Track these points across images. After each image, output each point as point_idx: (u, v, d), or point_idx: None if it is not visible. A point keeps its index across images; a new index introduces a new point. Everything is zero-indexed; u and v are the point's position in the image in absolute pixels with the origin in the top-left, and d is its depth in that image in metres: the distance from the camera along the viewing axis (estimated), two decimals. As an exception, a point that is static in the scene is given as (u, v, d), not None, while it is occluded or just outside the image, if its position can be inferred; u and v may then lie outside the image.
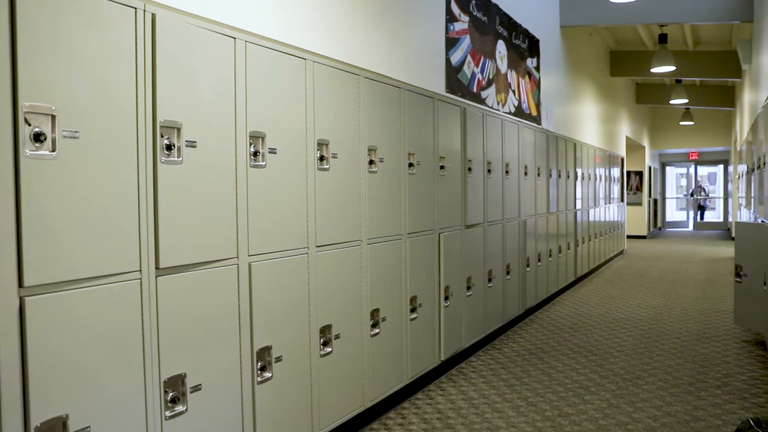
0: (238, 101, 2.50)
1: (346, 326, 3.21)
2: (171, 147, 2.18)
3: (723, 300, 7.17)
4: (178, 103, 2.21)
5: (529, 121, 6.39)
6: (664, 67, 9.31)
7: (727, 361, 4.67)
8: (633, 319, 6.19)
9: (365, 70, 3.43)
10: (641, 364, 4.60)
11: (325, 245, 3.04)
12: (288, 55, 2.80)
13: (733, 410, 3.64)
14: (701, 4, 7.39)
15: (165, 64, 2.15)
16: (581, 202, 8.59)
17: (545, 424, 3.47)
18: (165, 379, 2.16)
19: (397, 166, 3.70)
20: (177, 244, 2.20)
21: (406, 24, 4.01)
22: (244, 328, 2.53)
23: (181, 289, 2.23)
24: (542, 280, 6.70)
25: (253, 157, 2.57)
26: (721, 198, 20.56)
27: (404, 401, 3.85)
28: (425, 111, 4.07)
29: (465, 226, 4.66)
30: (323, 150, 3.02)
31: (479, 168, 4.92)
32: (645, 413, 3.62)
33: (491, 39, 5.45)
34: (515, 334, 5.61)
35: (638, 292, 7.84)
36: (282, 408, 2.74)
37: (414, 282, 3.89)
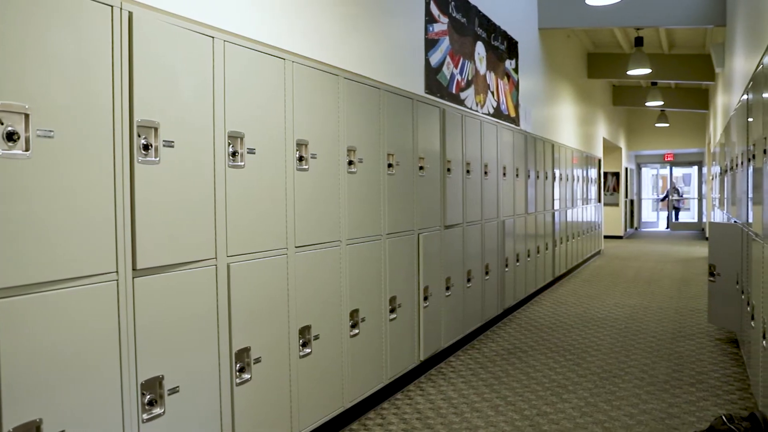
0: (217, 101, 2.48)
1: (326, 327, 3.20)
2: (148, 147, 2.15)
3: (697, 299, 7.29)
4: (155, 102, 2.18)
5: (507, 122, 6.44)
6: (640, 70, 9.44)
7: (701, 359, 4.75)
8: (610, 319, 6.26)
9: (345, 70, 3.43)
10: (618, 363, 4.66)
11: (304, 246, 3.03)
12: (267, 54, 2.78)
13: (707, 407, 3.71)
14: (676, 8, 7.51)
15: (142, 63, 2.13)
16: (559, 202, 8.68)
17: (524, 423, 3.50)
18: (142, 382, 2.14)
19: (376, 166, 3.71)
20: (154, 245, 2.18)
21: (386, 25, 4.01)
22: (223, 330, 2.51)
23: (158, 290, 2.21)
24: (521, 280, 6.75)
25: (231, 157, 2.56)
26: (695, 199, 20.90)
27: (384, 401, 3.85)
28: (404, 112, 4.08)
29: (444, 227, 4.68)
30: (302, 150, 3.01)
31: (458, 169, 4.94)
32: (622, 411, 3.66)
33: (470, 40, 5.48)
34: (494, 334, 5.64)
35: (615, 292, 7.94)
36: (261, 409, 2.73)
37: (393, 282, 3.90)
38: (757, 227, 3.47)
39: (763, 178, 3.08)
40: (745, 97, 4.27)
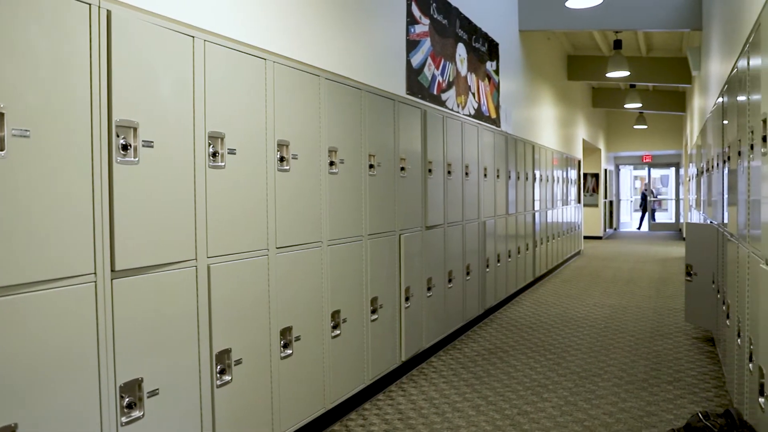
0: (197, 101, 2.46)
1: (307, 328, 3.20)
2: (127, 147, 2.13)
3: (675, 298, 7.39)
4: (134, 102, 2.16)
5: (488, 124, 6.47)
6: (619, 72, 9.56)
7: (679, 357, 4.82)
8: (589, 318, 6.33)
9: (326, 71, 3.43)
10: (597, 362, 4.71)
11: (286, 246, 3.02)
12: (248, 55, 2.77)
13: (684, 404, 3.76)
14: (654, 12, 7.61)
15: (121, 62, 2.11)
16: (539, 203, 8.74)
17: (505, 423, 3.52)
18: (121, 384, 2.12)
19: (357, 167, 3.71)
20: (133, 246, 2.16)
21: (367, 25, 4.01)
22: (203, 331, 2.50)
23: (138, 291, 2.18)
24: (501, 281, 6.79)
25: (212, 157, 2.54)
26: (672, 200, 21.18)
27: (365, 402, 3.85)
28: (386, 112, 4.08)
29: (425, 227, 4.69)
30: (283, 151, 3.00)
31: (439, 169, 4.96)
32: (601, 410, 3.70)
33: (451, 42, 5.51)
34: (475, 334, 5.67)
35: (594, 292, 8.02)
36: (242, 411, 2.71)
37: (375, 283, 3.90)
38: (732, 228, 3.53)
39: (738, 179, 3.13)
40: (721, 99, 4.34)
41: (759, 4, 2.56)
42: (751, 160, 2.65)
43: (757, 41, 2.55)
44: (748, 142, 2.71)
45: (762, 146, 2.30)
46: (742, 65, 3.08)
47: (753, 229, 2.65)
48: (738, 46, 3.36)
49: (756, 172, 2.50)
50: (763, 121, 2.27)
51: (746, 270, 2.86)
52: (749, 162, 2.70)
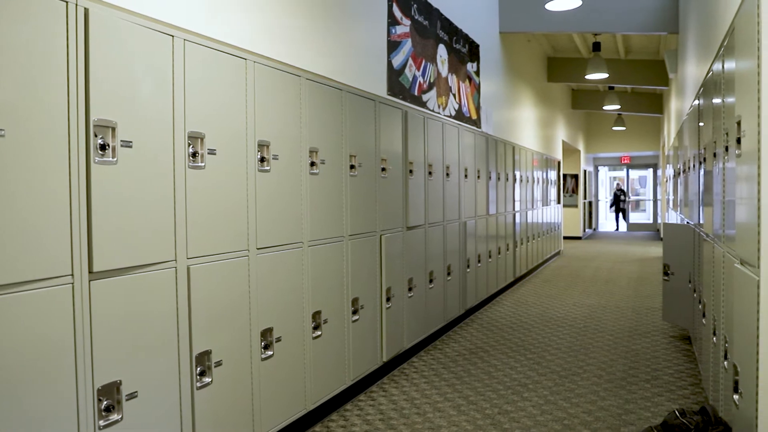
0: (177, 101, 2.44)
1: (288, 329, 3.19)
2: (105, 147, 2.11)
3: (653, 298, 7.49)
4: (113, 101, 2.14)
5: (469, 125, 6.51)
6: (598, 74, 9.66)
7: (656, 356, 4.89)
8: (569, 318, 6.39)
9: (307, 71, 3.42)
10: (577, 361, 4.75)
11: (266, 247, 3.01)
12: (228, 54, 2.76)
13: (662, 402, 3.81)
14: (631, 15, 7.71)
15: (99, 61, 2.09)
16: (520, 204, 8.81)
17: (485, 422, 3.54)
18: (99, 387, 2.09)
19: (338, 167, 3.70)
20: (112, 247, 2.14)
21: (348, 26, 4.01)
22: (183, 333, 2.48)
23: (116, 293, 2.16)
24: (482, 281, 6.83)
25: (191, 157, 2.52)
26: (650, 200, 21.45)
27: (347, 403, 3.85)
28: (367, 113, 4.09)
29: (406, 228, 4.70)
30: (264, 151, 2.99)
31: (420, 170, 4.97)
32: (580, 408, 3.74)
33: (432, 43, 5.53)
34: (456, 334, 5.69)
35: (574, 292, 8.09)
36: (222, 413, 2.70)
37: (356, 284, 3.90)
38: (708, 228, 3.59)
39: (713, 180, 3.19)
40: (697, 102, 4.40)
41: (733, 9, 2.60)
42: (726, 162, 2.70)
43: (732, 45, 2.59)
44: (723, 143, 2.76)
45: (736, 148, 2.34)
46: (717, 68, 3.13)
47: (728, 230, 2.69)
48: (713, 49, 3.42)
49: (731, 174, 2.55)
50: (737, 124, 2.31)
51: (721, 269, 2.91)
52: (724, 163, 2.74)
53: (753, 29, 2.04)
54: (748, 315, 2.10)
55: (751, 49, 2.08)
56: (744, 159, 2.21)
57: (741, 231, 2.30)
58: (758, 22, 1.97)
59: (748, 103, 2.10)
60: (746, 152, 2.17)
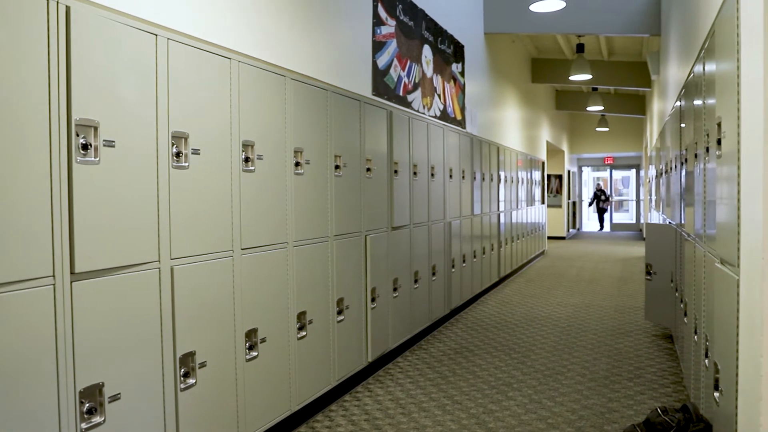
0: (160, 100, 2.43)
1: (273, 329, 3.17)
2: (87, 146, 2.09)
3: (635, 297, 7.56)
4: (95, 100, 2.12)
5: (454, 125, 6.53)
6: (582, 76, 9.74)
7: (639, 354, 4.94)
8: (553, 317, 6.43)
9: (291, 71, 3.41)
10: (561, 360, 4.79)
11: (251, 248, 3.00)
12: (212, 54, 2.74)
13: (644, 400, 3.85)
14: (615, 17, 7.78)
15: (81, 59, 2.07)
16: (504, 204, 8.85)
17: (470, 422, 3.55)
18: (81, 390, 2.07)
19: (323, 168, 3.70)
20: (94, 248, 2.11)
21: (333, 26, 4.01)
22: (167, 334, 2.46)
23: (98, 294, 2.14)
24: (467, 281, 6.85)
25: (175, 157, 2.51)
26: (633, 201, 21.65)
27: (332, 403, 3.84)
28: (352, 113, 4.08)
29: (391, 228, 4.71)
30: (248, 151, 2.98)
31: (405, 170, 4.98)
32: (564, 407, 3.77)
33: (418, 43, 5.54)
34: (441, 334, 5.71)
35: (558, 291, 8.15)
36: (207, 415, 2.68)
37: (341, 284, 3.89)
38: (689, 228, 3.63)
39: (695, 181, 3.22)
40: (678, 103, 4.45)
41: (713, 12, 2.64)
42: (706, 163, 2.73)
43: (712, 48, 2.63)
44: (704, 144, 2.80)
45: (717, 149, 2.37)
46: (698, 70, 3.17)
47: (709, 229, 2.73)
48: (694, 51, 3.46)
49: (711, 174, 2.58)
50: (717, 125, 2.34)
51: (702, 269, 2.94)
52: (705, 164, 2.78)
53: (732, 32, 2.07)
54: (728, 314, 2.13)
55: (730, 52, 2.10)
56: (724, 160, 2.24)
57: (721, 231, 2.33)
58: (737, 26, 2.00)
59: (728, 105, 2.13)
60: (726, 153, 2.20)
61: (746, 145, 1.87)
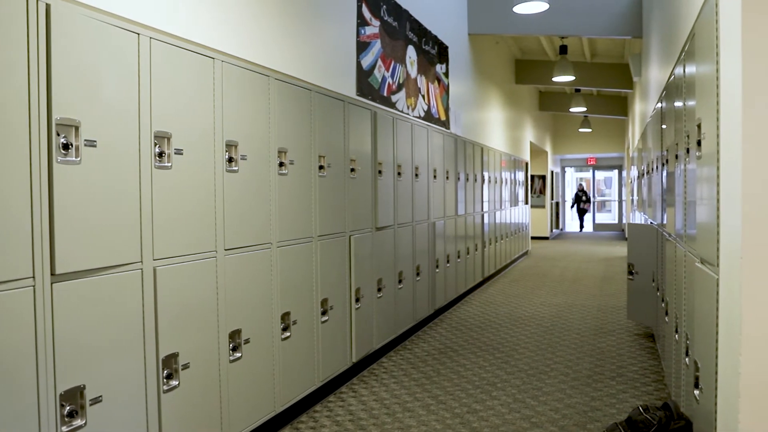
0: (143, 100, 2.41)
1: (257, 330, 3.16)
2: (68, 146, 2.07)
3: (618, 296, 7.63)
4: (76, 100, 2.10)
5: (438, 126, 6.54)
6: (565, 77, 9.81)
7: (621, 353, 4.98)
8: (537, 317, 6.47)
9: (275, 71, 3.40)
10: (544, 360, 4.82)
11: (234, 248, 2.98)
12: (195, 53, 2.72)
13: (626, 399, 3.89)
14: (597, 19, 7.85)
15: (61, 58, 2.04)
16: (488, 204, 8.89)
17: (454, 421, 3.56)
18: (62, 392, 2.05)
19: (307, 168, 3.69)
20: (75, 249, 2.09)
21: (318, 26, 4.00)
22: (149, 336, 2.44)
23: (79, 296, 2.12)
24: (451, 281, 6.87)
25: (158, 157, 2.49)
26: (615, 201, 21.84)
27: (316, 404, 3.84)
28: (336, 114, 4.08)
29: (375, 229, 4.71)
30: (232, 151, 2.96)
31: (389, 171, 4.98)
32: (548, 406, 3.79)
33: (402, 44, 5.54)
34: (425, 334, 5.72)
35: (541, 291, 8.20)
36: (190, 416, 2.66)
37: (325, 284, 3.89)
38: (670, 228, 3.67)
39: (675, 182, 3.26)
40: (660, 105, 4.50)
41: (693, 15, 2.67)
42: (687, 164, 2.77)
43: (692, 50, 2.66)
44: (684, 146, 2.83)
45: (697, 150, 2.40)
46: (678, 72, 3.21)
47: (689, 230, 2.76)
48: (675, 54, 3.50)
49: (692, 175, 2.61)
50: (697, 126, 2.37)
51: (683, 268, 2.98)
52: (685, 165, 2.81)
53: (712, 35, 2.10)
54: (708, 313, 2.16)
55: (710, 54, 2.13)
56: (704, 161, 2.27)
57: (701, 231, 2.36)
58: (717, 28, 2.03)
59: (708, 107, 2.16)
60: (706, 154, 2.22)
61: (725, 146, 1.90)
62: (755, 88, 1.66)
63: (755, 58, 1.65)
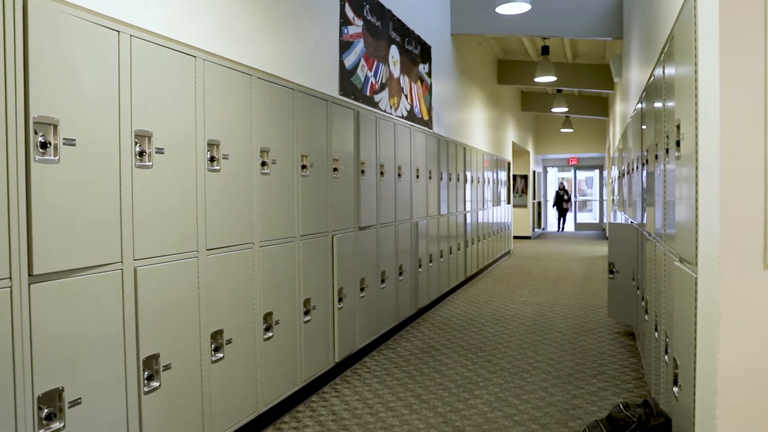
0: (123, 98, 2.38)
1: (239, 331, 3.14)
2: (47, 145, 2.04)
3: (599, 295, 7.70)
4: (55, 98, 2.07)
5: (421, 125, 6.55)
6: (547, 77, 9.88)
7: (602, 351, 5.03)
8: (519, 316, 6.51)
9: (258, 70, 3.38)
10: (526, 358, 4.85)
11: (216, 248, 2.96)
12: (177, 51, 2.70)
13: (607, 396, 3.93)
14: (579, 21, 7.92)
15: (39, 55, 2.01)
16: (470, 204, 8.92)
17: (437, 420, 3.57)
18: (39, 395, 2.02)
19: (290, 167, 3.68)
20: (54, 249, 2.06)
21: (300, 25, 3.99)
22: (130, 337, 2.41)
23: (58, 297, 2.09)
24: (434, 280, 6.89)
25: (138, 156, 2.46)
26: (596, 201, 22.05)
27: (299, 404, 3.82)
28: (319, 113, 4.07)
29: (358, 228, 4.71)
30: (214, 151, 2.94)
31: (372, 170, 4.98)
32: (530, 404, 3.82)
33: (385, 44, 5.54)
34: (408, 334, 5.73)
35: (524, 290, 8.25)
36: (171, 418, 2.64)
37: (308, 284, 3.88)
38: (650, 227, 3.71)
39: (655, 182, 3.30)
40: (640, 106, 4.55)
41: (673, 17, 2.70)
42: (666, 164, 2.80)
43: (671, 52, 2.69)
44: (664, 146, 2.86)
45: (676, 150, 2.43)
46: (658, 74, 3.25)
47: (668, 229, 2.79)
48: (655, 55, 3.54)
49: (671, 175, 2.64)
50: (677, 127, 2.40)
51: (662, 267, 3.02)
52: (665, 165, 2.85)
53: (690, 37, 2.12)
54: (686, 311, 2.19)
55: (689, 56, 2.16)
56: (683, 161, 2.30)
57: (680, 230, 2.39)
58: (695, 31, 2.06)
59: (687, 108, 2.19)
60: (685, 155, 2.25)
61: (704, 146, 1.92)
62: (733, 90, 1.68)
63: (733, 60, 1.68)
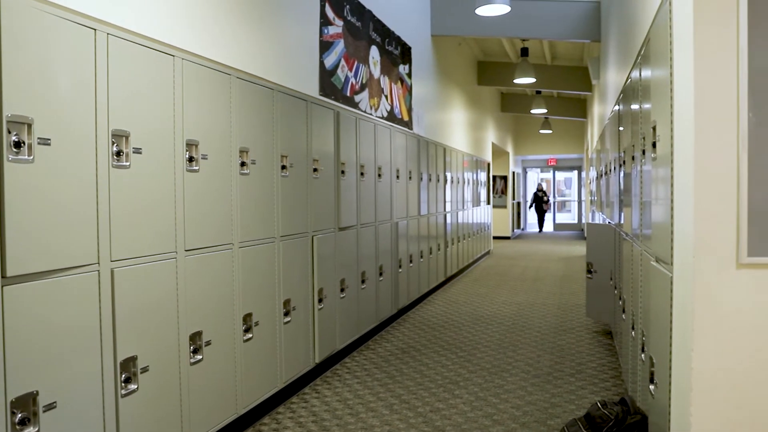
0: (99, 97, 2.35)
1: (218, 332, 3.12)
2: (20, 144, 2.00)
3: (577, 295, 7.78)
4: (29, 96, 2.03)
5: (401, 126, 6.56)
6: (526, 79, 9.96)
7: (580, 350, 5.08)
8: (498, 316, 6.55)
9: (237, 70, 3.36)
10: (506, 358, 4.88)
11: (195, 249, 2.94)
12: (155, 50, 2.67)
13: (585, 395, 3.97)
14: (557, 23, 8.00)
15: (12, 53, 1.98)
16: (450, 204, 8.96)
17: (417, 420, 3.58)
18: (12, 399, 1.98)
19: (269, 168, 3.66)
20: (27, 251, 2.03)
21: (280, 25, 3.97)
22: (107, 339, 2.38)
23: (32, 299, 2.05)
24: (414, 281, 6.90)
25: (116, 156, 2.43)
26: (575, 201, 22.26)
27: (279, 406, 3.81)
28: (298, 113, 4.05)
29: (338, 229, 4.70)
30: (192, 151, 2.92)
31: (352, 171, 4.98)
32: (509, 403, 3.84)
33: (365, 44, 5.54)
34: (388, 334, 5.73)
35: (503, 290, 8.30)
36: (149, 421, 2.61)
37: (287, 285, 3.86)
38: (627, 228, 3.76)
39: (632, 182, 3.34)
40: (617, 107, 4.61)
41: (649, 20, 2.74)
42: (643, 165, 2.84)
43: (648, 54, 2.73)
44: (640, 147, 2.90)
45: (652, 152, 2.47)
46: (635, 76, 3.29)
47: (645, 229, 2.83)
48: (631, 58, 3.59)
49: (647, 176, 2.68)
50: (653, 129, 2.44)
51: (639, 267, 3.06)
52: (641, 166, 2.89)
53: (666, 40, 2.16)
54: (662, 310, 2.22)
55: (664, 59, 2.19)
56: (659, 162, 2.33)
57: (656, 230, 2.43)
58: (670, 34, 2.09)
59: (663, 110, 2.22)
60: (661, 156, 2.29)
61: (679, 148, 1.95)
62: (707, 92, 1.71)
63: (707, 63, 1.71)
